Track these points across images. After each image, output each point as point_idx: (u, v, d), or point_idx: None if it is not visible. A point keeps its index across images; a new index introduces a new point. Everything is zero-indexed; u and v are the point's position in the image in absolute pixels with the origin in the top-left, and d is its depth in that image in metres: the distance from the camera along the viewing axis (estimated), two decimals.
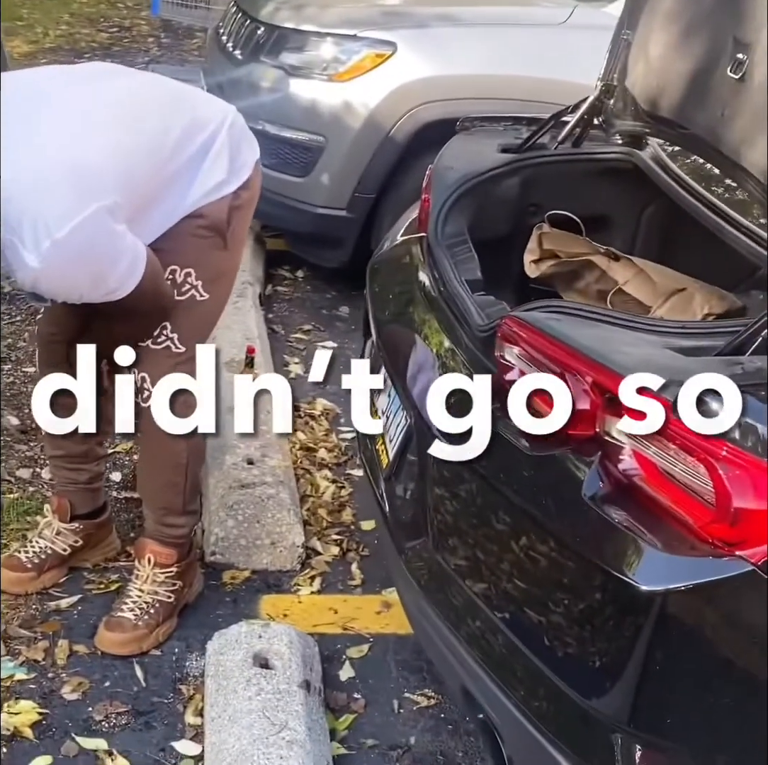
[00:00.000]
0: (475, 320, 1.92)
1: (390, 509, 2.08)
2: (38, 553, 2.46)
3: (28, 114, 1.88)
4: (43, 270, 1.80)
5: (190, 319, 2.21)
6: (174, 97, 2.15)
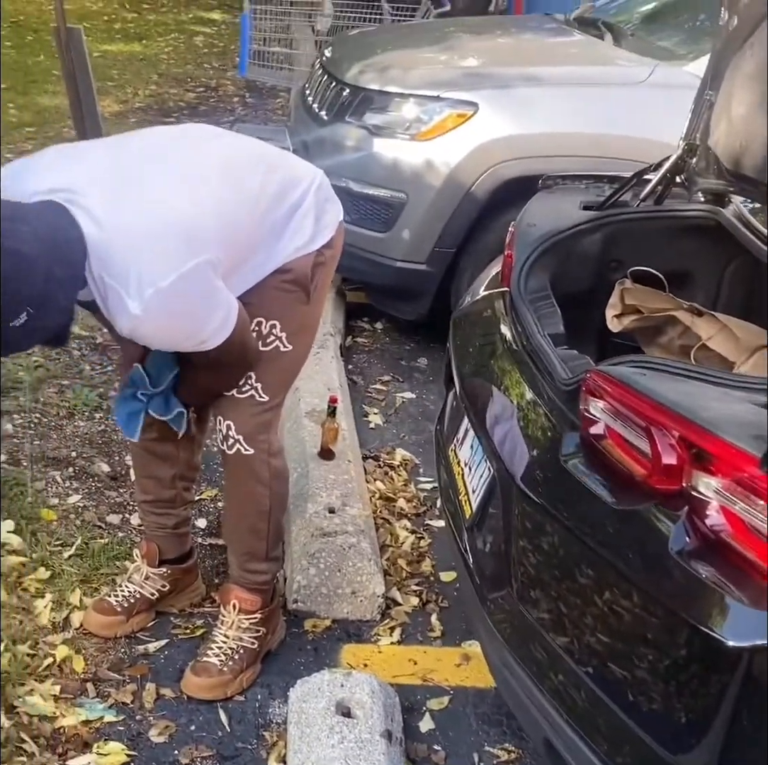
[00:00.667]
0: (559, 374, 1.95)
1: (473, 560, 2.10)
2: (127, 597, 2.53)
3: (137, 173, 1.98)
4: (144, 317, 1.88)
5: (273, 369, 2.28)
6: (268, 160, 2.24)
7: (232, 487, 2.42)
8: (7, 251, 1.73)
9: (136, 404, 2.33)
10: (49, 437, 3.31)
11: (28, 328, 1.80)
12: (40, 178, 1.94)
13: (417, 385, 4.11)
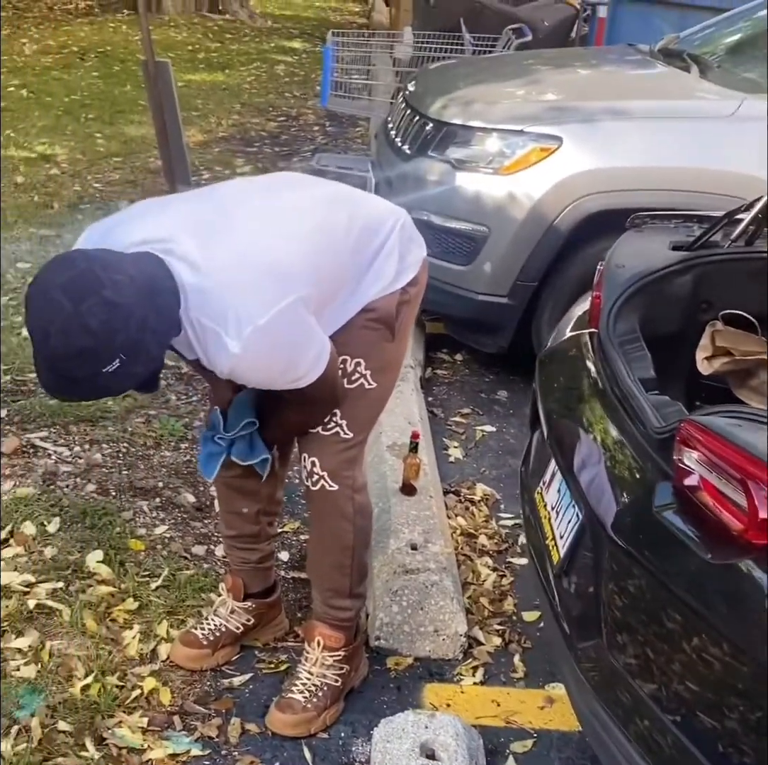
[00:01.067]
0: (650, 421, 1.94)
1: (561, 606, 2.08)
2: (213, 630, 2.57)
3: (227, 219, 2.04)
4: (243, 356, 1.93)
5: (358, 406, 2.31)
6: (353, 202, 2.28)
7: (317, 522, 2.45)
8: (106, 300, 1.78)
9: (215, 447, 2.39)
10: (137, 467, 3.37)
11: (119, 374, 1.85)
12: (132, 230, 2.01)
13: (497, 418, 4.10)
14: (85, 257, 1.86)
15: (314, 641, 2.44)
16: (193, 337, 1.96)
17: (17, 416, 3.59)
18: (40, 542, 2.92)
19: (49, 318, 1.79)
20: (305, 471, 2.35)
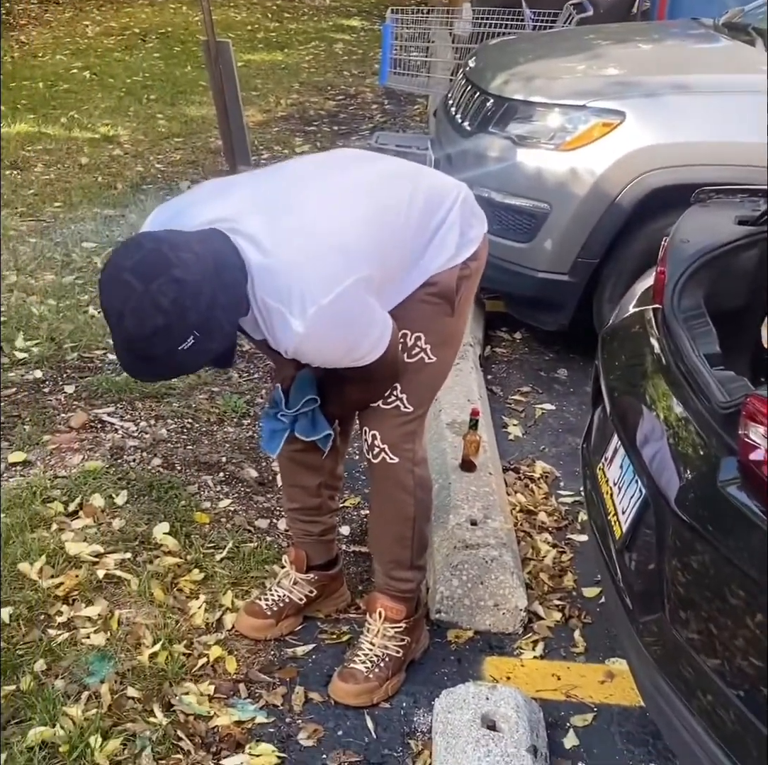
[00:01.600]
0: (715, 396, 1.93)
1: (623, 581, 2.09)
2: (277, 601, 2.61)
3: (290, 199, 2.06)
4: (307, 335, 1.96)
5: (418, 380, 2.33)
6: (414, 177, 2.28)
7: (378, 495, 2.47)
8: (175, 279, 1.82)
9: (278, 423, 2.42)
10: (201, 442, 3.43)
11: (195, 352, 1.89)
12: (199, 211, 2.04)
13: (557, 396, 4.09)
14: (152, 238, 1.89)
15: (376, 613, 2.48)
16: (259, 317, 1.99)
17: (85, 392, 3.67)
18: (109, 514, 2.99)
19: (121, 300, 1.83)
20: (366, 444, 2.38)
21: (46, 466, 3.20)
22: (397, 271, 2.18)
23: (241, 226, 1.98)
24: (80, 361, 3.90)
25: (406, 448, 2.37)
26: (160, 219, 2.07)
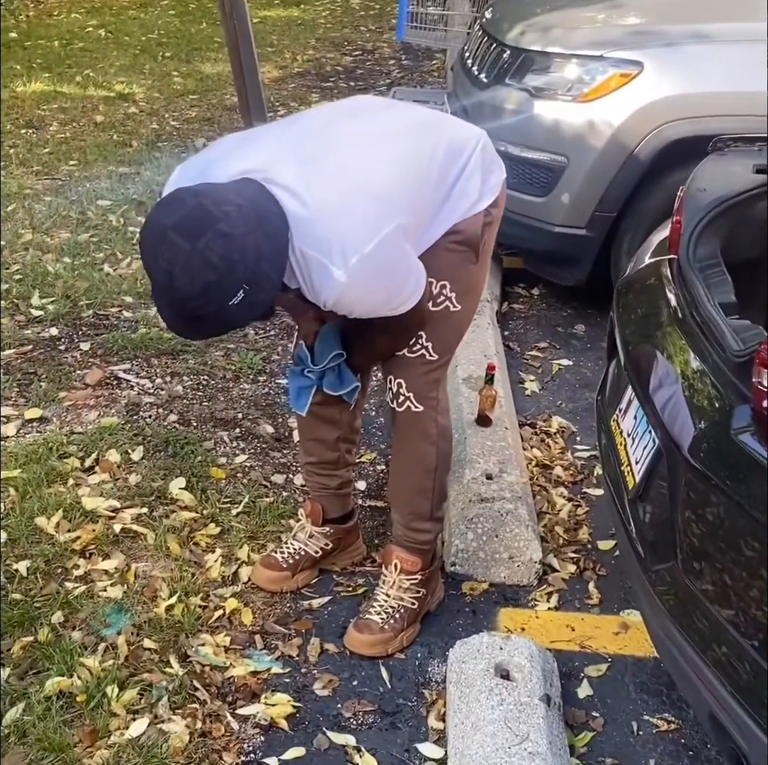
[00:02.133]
0: (730, 344, 1.91)
1: (636, 531, 2.08)
2: (293, 554, 2.62)
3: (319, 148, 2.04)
4: (349, 285, 1.94)
5: (443, 329, 2.31)
6: (435, 125, 2.26)
7: (401, 445, 2.46)
8: (221, 233, 1.80)
9: (305, 380, 2.41)
10: (217, 399, 3.44)
11: (245, 305, 1.87)
12: (229, 164, 2.01)
13: (574, 352, 4.07)
14: (191, 193, 1.86)
15: (392, 564, 2.48)
16: (296, 268, 1.96)
17: (100, 349, 3.68)
18: (125, 470, 3.00)
19: (169, 260, 1.80)
20: (391, 393, 2.37)
21: (63, 423, 3.22)
22: (426, 218, 2.16)
23: (273, 175, 1.95)
24: (96, 319, 3.91)
25: (430, 397, 2.37)
26: (186, 176, 2.02)
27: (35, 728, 2.12)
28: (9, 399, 3.32)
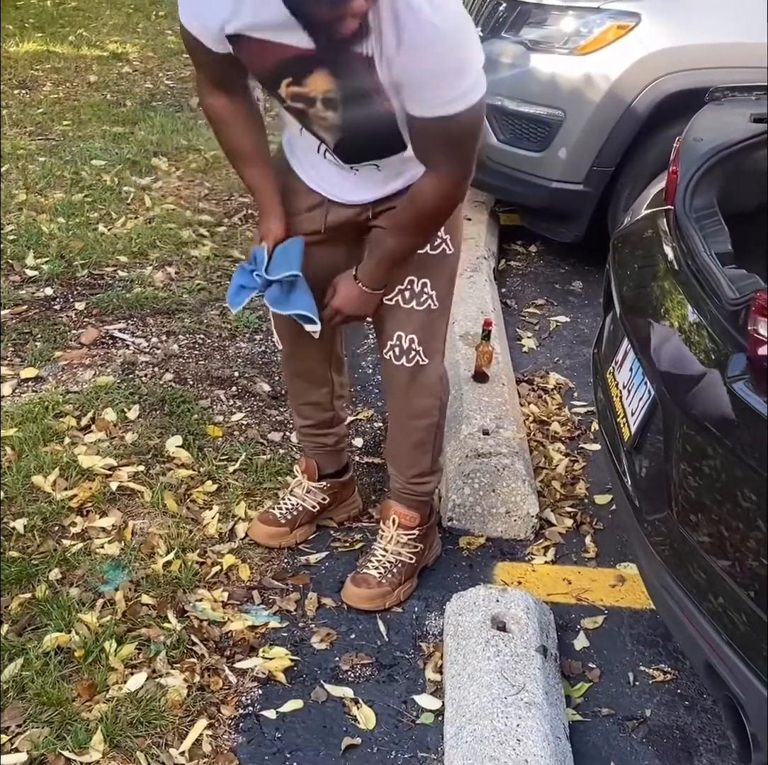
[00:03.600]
0: (726, 294, 1.89)
1: (631, 482, 2.08)
2: (290, 509, 2.63)
3: None
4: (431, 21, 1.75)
5: (442, 275, 2.29)
6: None
7: (404, 402, 2.43)
8: None
9: (251, 281, 2.25)
10: (213, 357, 3.43)
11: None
12: None
13: (571, 308, 4.05)
14: None
15: (390, 519, 2.49)
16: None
17: (95, 309, 3.66)
18: (121, 428, 3.00)
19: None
20: (397, 349, 2.32)
21: (58, 382, 3.21)
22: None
23: None
24: (90, 278, 3.89)
25: (437, 349, 2.37)
26: None
27: (34, 683, 2.13)
28: (5, 359, 3.31)
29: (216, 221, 4.47)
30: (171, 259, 4.07)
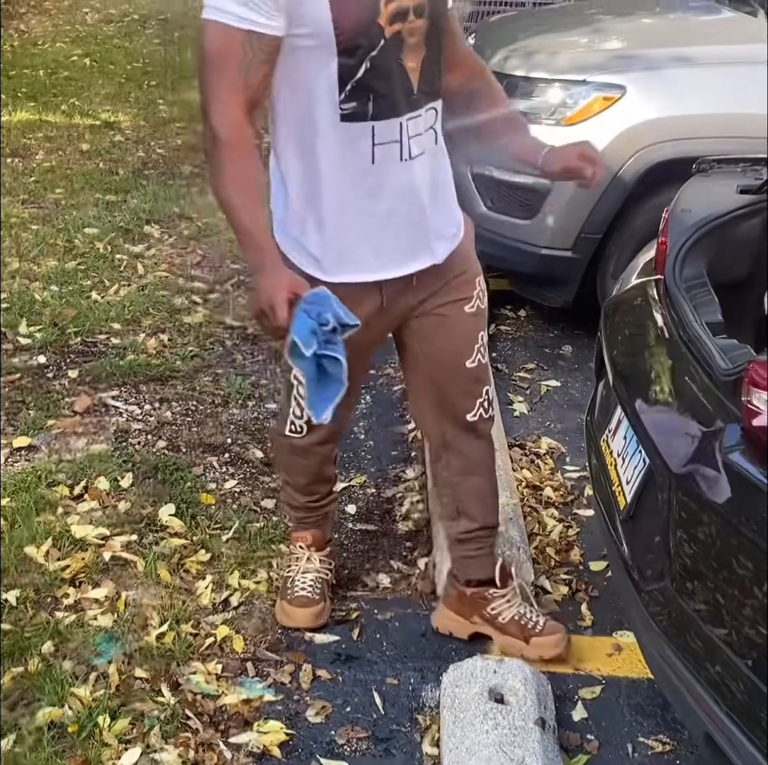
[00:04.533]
0: (718, 364, 1.92)
1: (628, 551, 2.08)
2: (314, 585, 2.59)
3: None
4: None
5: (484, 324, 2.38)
6: None
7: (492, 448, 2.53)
8: None
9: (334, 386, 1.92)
10: (206, 424, 3.43)
11: None
12: None
13: (561, 372, 4.08)
14: None
15: (509, 578, 2.53)
16: None
17: (89, 376, 3.67)
18: (114, 497, 2.99)
19: None
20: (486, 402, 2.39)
21: (51, 451, 3.20)
22: None
23: None
24: (83, 346, 3.90)
25: None
26: None
27: (27, 760, 2.10)
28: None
29: (208, 288, 4.50)
30: (164, 326, 4.09)
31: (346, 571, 2.81)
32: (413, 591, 2.73)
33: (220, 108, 1.91)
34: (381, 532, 2.98)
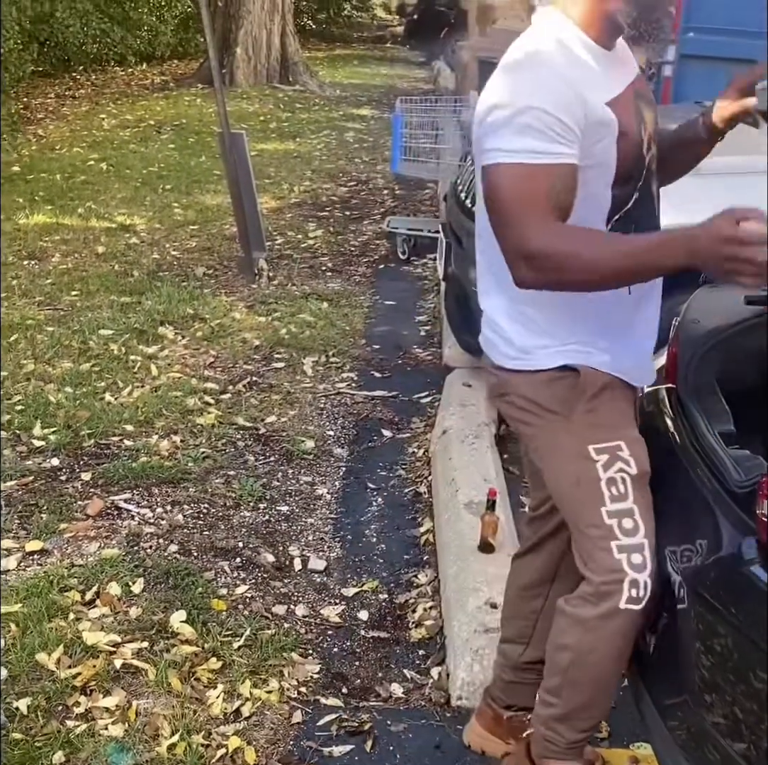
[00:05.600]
0: (732, 475, 1.93)
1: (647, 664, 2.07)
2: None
3: None
4: None
5: None
6: None
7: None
8: None
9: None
10: (217, 527, 3.43)
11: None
12: None
13: None
14: None
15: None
16: None
17: (101, 479, 3.69)
18: (125, 603, 2.98)
19: None
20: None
21: (63, 555, 3.21)
22: None
23: None
24: (97, 448, 3.93)
25: None
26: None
27: None
28: (10, 531, 3.32)
29: (221, 388, 4.54)
30: (176, 427, 4.13)
31: (359, 680, 2.78)
32: (427, 701, 2.70)
33: (539, 234, 1.79)
34: (394, 639, 2.96)
